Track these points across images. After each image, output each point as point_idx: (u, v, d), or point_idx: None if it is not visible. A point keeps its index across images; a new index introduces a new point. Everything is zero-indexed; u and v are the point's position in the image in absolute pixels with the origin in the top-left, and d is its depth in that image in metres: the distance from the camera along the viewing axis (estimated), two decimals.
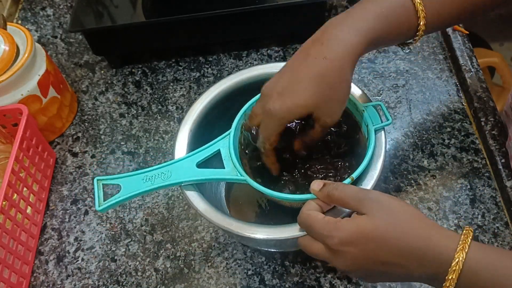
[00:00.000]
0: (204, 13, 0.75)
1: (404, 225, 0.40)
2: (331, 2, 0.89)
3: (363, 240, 0.40)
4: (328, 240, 0.42)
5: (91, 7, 0.79)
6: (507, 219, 0.62)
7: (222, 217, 0.50)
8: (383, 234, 0.40)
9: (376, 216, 0.41)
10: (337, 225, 0.42)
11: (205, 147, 0.53)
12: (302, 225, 0.46)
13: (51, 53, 0.90)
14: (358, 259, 0.41)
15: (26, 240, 0.65)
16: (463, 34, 0.79)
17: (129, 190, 0.51)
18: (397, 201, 0.42)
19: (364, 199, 0.42)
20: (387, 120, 0.52)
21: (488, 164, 0.67)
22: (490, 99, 0.71)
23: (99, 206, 0.50)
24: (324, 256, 0.44)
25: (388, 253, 0.40)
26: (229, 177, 0.51)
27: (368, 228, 0.40)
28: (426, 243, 0.39)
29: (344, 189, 0.44)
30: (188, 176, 0.52)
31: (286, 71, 0.47)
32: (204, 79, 0.82)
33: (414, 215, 0.41)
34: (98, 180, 0.52)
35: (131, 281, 0.63)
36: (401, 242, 0.40)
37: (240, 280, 0.61)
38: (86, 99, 0.83)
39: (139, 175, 0.52)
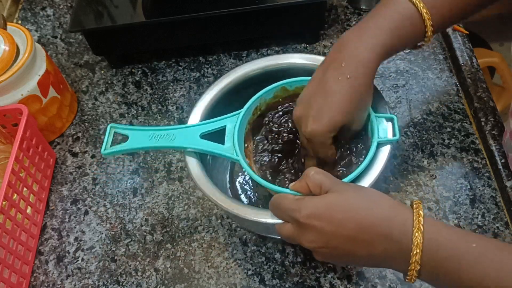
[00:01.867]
0: (204, 13, 0.75)
1: (371, 201, 0.42)
2: (331, 2, 0.90)
3: (330, 212, 0.41)
4: (295, 214, 0.43)
5: (91, 7, 0.79)
6: (507, 219, 0.62)
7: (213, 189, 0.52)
8: (351, 206, 0.41)
9: (345, 192, 0.43)
10: (305, 200, 0.43)
11: (212, 120, 0.56)
12: (272, 207, 0.47)
13: (51, 53, 0.90)
14: (325, 233, 0.42)
15: (26, 240, 0.65)
16: (463, 34, 0.79)
17: (135, 142, 0.55)
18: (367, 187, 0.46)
19: (337, 182, 0.44)
20: (395, 136, 0.51)
21: (488, 164, 0.67)
22: (490, 99, 0.71)
23: (104, 149, 0.54)
24: (293, 235, 0.45)
25: (355, 226, 0.41)
26: (225, 154, 0.53)
27: (337, 200, 0.42)
28: (393, 216, 0.41)
29: (320, 172, 0.45)
30: (189, 143, 0.54)
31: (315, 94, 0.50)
32: (204, 79, 0.82)
33: (381, 194, 0.43)
34: (111, 127, 0.56)
35: (131, 281, 0.63)
36: (368, 215, 0.41)
37: (240, 280, 0.61)
38: (86, 99, 0.83)
39: (147, 131, 0.55)
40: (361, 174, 0.50)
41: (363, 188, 0.45)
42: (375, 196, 0.43)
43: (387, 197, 0.43)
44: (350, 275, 0.60)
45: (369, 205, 0.42)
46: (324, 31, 0.85)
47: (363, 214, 0.41)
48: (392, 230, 0.40)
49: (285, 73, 0.60)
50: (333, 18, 0.88)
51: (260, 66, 0.62)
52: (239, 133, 0.54)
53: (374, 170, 0.50)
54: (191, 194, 0.69)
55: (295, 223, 0.44)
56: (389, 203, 0.42)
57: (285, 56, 0.63)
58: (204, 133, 0.55)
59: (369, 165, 0.50)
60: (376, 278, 0.59)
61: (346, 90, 0.48)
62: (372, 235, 0.40)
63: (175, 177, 0.71)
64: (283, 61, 0.62)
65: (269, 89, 0.58)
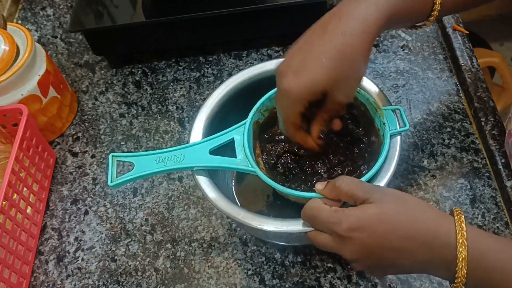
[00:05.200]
0: (204, 13, 0.75)
1: (413, 210, 0.41)
2: (331, 2, 0.89)
3: (373, 225, 0.40)
4: (336, 227, 0.41)
5: (91, 7, 0.79)
6: (507, 219, 0.62)
7: (231, 206, 0.50)
8: (393, 218, 0.40)
9: (384, 202, 0.41)
10: (345, 212, 0.41)
11: (219, 134, 0.54)
12: (306, 218, 0.45)
13: (51, 53, 0.90)
14: (368, 245, 0.40)
15: (26, 240, 0.65)
16: (463, 34, 0.79)
17: (142, 169, 0.52)
18: (403, 193, 0.43)
19: (371, 190, 0.42)
20: (404, 126, 0.51)
21: (488, 164, 0.67)
22: (490, 99, 0.71)
23: (111, 182, 0.52)
24: (332, 246, 0.43)
25: (398, 237, 0.40)
26: (240, 167, 0.52)
27: (377, 212, 0.40)
28: (436, 227, 0.40)
29: (352, 181, 0.44)
30: (200, 161, 0.52)
31: (301, 47, 0.45)
32: (204, 79, 0.82)
33: (421, 203, 0.42)
34: (113, 157, 0.53)
35: (131, 281, 0.63)
36: (411, 225, 0.40)
37: (240, 280, 0.61)
38: (86, 99, 0.83)
39: (153, 155, 0.53)
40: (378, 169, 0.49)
41: (400, 196, 0.42)
42: (414, 205, 0.41)
43: (426, 205, 0.42)
44: (350, 275, 0.60)
45: (411, 216, 0.40)
46: None
47: (405, 226, 0.40)
48: (435, 241, 0.39)
49: None
50: None
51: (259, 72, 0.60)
52: (248, 143, 0.53)
53: (388, 163, 0.50)
54: (191, 194, 0.69)
55: (335, 235, 0.42)
56: (430, 213, 0.41)
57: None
58: (213, 149, 0.53)
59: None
60: (376, 278, 0.59)
61: (337, 47, 0.42)
62: (415, 247, 0.40)
63: (175, 177, 0.71)
64: None
65: (270, 94, 0.56)
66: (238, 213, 0.49)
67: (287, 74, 0.45)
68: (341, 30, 0.43)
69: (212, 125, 0.58)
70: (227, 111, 0.60)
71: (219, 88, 0.60)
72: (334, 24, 0.44)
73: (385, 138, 0.51)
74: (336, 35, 0.43)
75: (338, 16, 0.44)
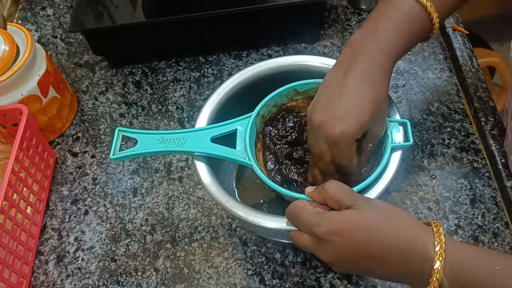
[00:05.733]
0: (204, 13, 0.75)
1: (392, 221, 0.41)
2: (331, 2, 0.90)
3: (351, 231, 0.41)
4: (315, 229, 0.42)
5: (91, 7, 0.79)
6: (507, 219, 0.62)
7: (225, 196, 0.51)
8: (373, 226, 0.41)
9: (366, 211, 0.42)
10: (326, 215, 0.43)
11: (223, 124, 0.55)
12: (289, 216, 0.46)
13: (51, 53, 0.90)
14: (345, 250, 0.41)
15: (26, 240, 0.65)
16: (463, 34, 0.79)
17: (144, 146, 0.53)
18: (388, 204, 0.44)
19: (357, 198, 0.43)
20: (408, 141, 0.51)
21: (488, 164, 0.67)
22: (490, 99, 0.71)
23: (113, 154, 0.53)
24: (310, 247, 0.44)
25: (376, 246, 0.40)
26: (237, 158, 0.52)
27: (358, 219, 0.41)
28: (415, 239, 0.40)
29: (339, 186, 0.45)
30: (200, 147, 0.53)
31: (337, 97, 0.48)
32: (204, 79, 0.82)
33: (403, 214, 0.42)
34: (120, 131, 0.54)
35: (131, 281, 0.63)
36: (389, 235, 0.40)
37: (240, 280, 0.61)
38: (86, 99, 0.83)
39: (156, 135, 0.54)
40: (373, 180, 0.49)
41: (383, 206, 0.43)
42: (396, 216, 0.42)
43: (407, 217, 0.42)
44: (350, 275, 0.60)
45: (390, 226, 0.41)
46: (324, 31, 0.85)
47: (384, 235, 0.40)
48: (414, 254, 0.40)
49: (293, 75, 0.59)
50: (333, 18, 0.88)
51: (270, 67, 0.61)
52: (250, 136, 0.53)
53: (386, 176, 0.50)
54: (191, 194, 0.69)
55: (314, 236, 0.43)
56: (410, 225, 0.41)
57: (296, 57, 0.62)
58: (215, 137, 0.54)
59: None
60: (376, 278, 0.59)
61: (371, 92, 0.47)
62: (393, 257, 0.40)
63: (175, 177, 0.71)
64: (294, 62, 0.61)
65: (280, 91, 0.56)
66: (227, 201, 0.51)
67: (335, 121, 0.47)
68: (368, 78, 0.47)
69: (219, 115, 0.58)
70: (236, 103, 0.60)
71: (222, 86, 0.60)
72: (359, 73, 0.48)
73: (385, 151, 0.50)
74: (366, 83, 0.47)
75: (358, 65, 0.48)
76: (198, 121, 0.57)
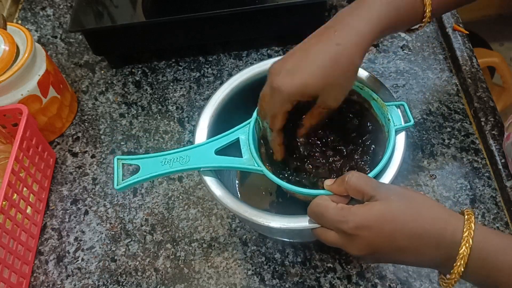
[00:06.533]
0: (204, 13, 0.75)
1: (418, 208, 0.41)
2: (331, 2, 0.89)
3: (379, 224, 0.41)
4: (343, 225, 0.42)
5: (91, 7, 0.79)
6: (507, 219, 0.62)
7: (238, 204, 0.50)
8: (400, 217, 0.40)
9: (391, 201, 0.41)
10: (352, 210, 0.42)
11: (224, 135, 0.54)
12: (313, 214, 0.46)
13: (51, 53, 0.90)
14: (374, 243, 0.41)
15: (26, 240, 0.65)
16: (463, 34, 0.79)
17: (148, 171, 0.52)
18: (411, 190, 0.43)
19: (380, 187, 0.43)
20: (409, 121, 0.51)
21: (488, 164, 0.67)
22: (490, 99, 0.71)
23: (117, 185, 0.51)
24: (339, 243, 0.44)
25: (406, 236, 0.40)
26: (246, 166, 0.52)
27: (384, 211, 0.41)
28: (443, 226, 0.40)
29: (360, 177, 0.44)
30: (206, 162, 0.52)
31: (296, 52, 0.48)
32: (204, 79, 0.82)
33: (428, 200, 0.42)
34: (118, 160, 0.53)
35: (131, 281, 0.63)
36: (417, 224, 0.40)
37: (240, 280, 0.61)
38: (86, 99, 0.83)
39: (158, 157, 0.52)
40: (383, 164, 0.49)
41: (406, 193, 0.43)
42: (421, 203, 0.42)
43: (433, 203, 0.42)
44: (350, 275, 0.60)
45: (417, 214, 0.41)
46: None
47: (411, 224, 0.40)
48: (443, 239, 0.40)
49: None
50: None
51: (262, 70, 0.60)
52: (254, 142, 0.53)
53: (396, 157, 0.50)
54: (191, 194, 0.69)
55: (341, 232, 0.43)
56: (437, 211, 0.41)
57: None
58: (218, 149, 0.53)
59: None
60: (376, 278, 0.59)
61: (330, 55, 0.45)
62: (421, 246, 0.40)
63: (175, 177, 0.71)
64: None
65: None
66: (245, 210, 0.50)
67: (280, 73, 0.47)
68: (336, 41, 0.46)
69: (217, 124, 0.58)
70: (232, 109, 0.60)
71: (222, 87, 0.60)
72: (330, 35, 0.47)
73: (390, 134, 0.51)
74: (330, 45, 0.46)
75: (333, 28, 0.47)
76: (197, 133, 0.56)
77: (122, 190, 0.52)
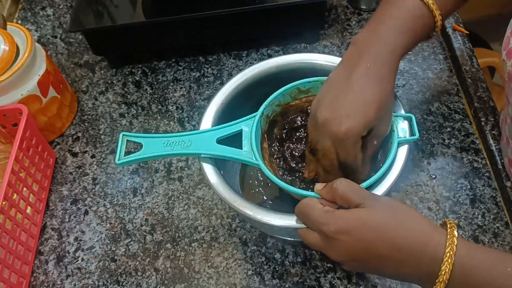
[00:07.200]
0: (204, 13, 0.75)
1: (402, 220, 0.41)
2: (331, 2, 0.90)
3: (360, 230, 0.41)
4: (324, 227, 0.42)
5: (91, 7, 0.79)
6: (507, 219, 0.62)
7: (230, 193, 0.51)
8: (382, 226, 0.41)
9: (375, 210, 0.42)
10: (335, 214, 0.42)
11: (228, 125, 0.54)
12: (299, 214, 0.46)
13: (51, 53, 0.90)
14: (354, 249, 0.41)
15: (26, 240, 0.65)
16: (463, 34, 0.79)
17: (149, 150, 0.53)
18: (398, 202, 0.43)
19: (366, 196, 0.43)
20: (414, 135, 0.51)
21: (488, 164, 0.67)
22: (490, 99, 0.71)
23: (118, 159, 0.52)
24: (319, 246, 0.44)
25: (386, 246, 0.40)
26: (244, 158, 0.52)
27: (366, 218, 0.41)
28: (425, 240, 0.40)
29: (348, 185, 0.44)
30: (206, 149, 0.53)
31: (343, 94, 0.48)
32: (204, 79, 0.82)
33: (413, 213, 0.42)
34: (124, 135, 0.54)
35: (131, 281, 0.63)
36: (399, 235, 0.40)
37: (240, 280, 0.61)
38: (86, 99, 0.83)
39: (161, 138, 0.53)
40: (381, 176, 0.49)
41: (393, 204, 0.43)
42: (406, 215, 0.42)
43: (418, 216, 0.42)
44: (350, 275, 0.60)
45: (401, 225, 0.41)
46: (324, 31, 0.85)
47: (394, 235, 0.40)
48: (424, 254, 0.39)
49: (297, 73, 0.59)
50: (333, 18, 0.88)
51: (274, 65, 0.61)
52: (256, 136, 0.53)
53: (394, 170, 0.50)
54: (191, 194, 0.69)
55: (323, 235, 0.43)
56: (421, 224, 0.41)
57: (301, 55, 0.62)
58: (220, 138, 0.54)
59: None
60: (376, 278, 0.59)
61: (376, 90, 0.47)
62: (403, 257, 0.40)
63: (175, 177, 0.71)
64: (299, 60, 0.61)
65: (283, 90, 0.56)
66: (235, 200, 0.50)
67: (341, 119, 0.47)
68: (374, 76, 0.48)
69: (223, 115, 0.58)
70: (239, 103, 0.60)
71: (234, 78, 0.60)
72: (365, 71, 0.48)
73: (392, 146, 0.51)
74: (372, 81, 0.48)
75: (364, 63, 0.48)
76: (203, 121, 0.57)
77: (123, 165, 0.53)
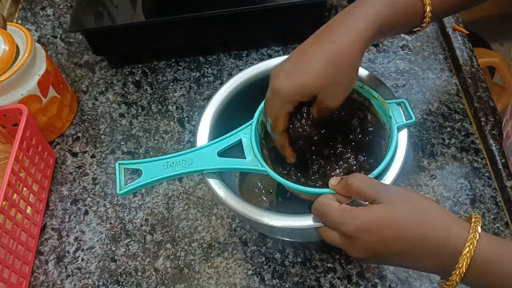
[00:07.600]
0: (204, 13, 0.75)
1: (421, 214, 0.40)
2: (331, 2, 0.89)
3: (379, 228, 0.40)
4: (343, 227, 0.42)
5: (91, 7, 0.79)
6: (507, 219, 0.62)
7: (242, 204, 0.50)
8: (401, 223, 0.40)
9: (393, 205, 0.41)
10: (353, 213, 0.42)
11: (226, 136, 0.54)
12: (316, 213, 0.46)
13: (51, 53, 0.90)
14: (374, 247, 0.41)
15: (26, 240, 0.65)
16: (463, 34, 0.79)
17: (150, 175, 0.51)
18: (415, 193, 0.43)
19: (383, 190, 0.42)
20: (411, 118, 0.51)
21: (488, 164, 0.67)
22: (490, 99, 0.71)
23: (120, 190, 0.51)
24: (340, 244, 0.44)
25: (406, 242, 0.40)
26: (250, 167, 0.52)
27: (385, 215, 0.40)
28: (446, 235, 0.39)
29: (363, 179, 0.44)
30: (209, 164, 0.52)
31: (295, 53, 0.48)
32: (204, 79, 0.82)
33: (432, 206, 0.41)
34: (120, 164, 0.52)
35: (131, 281, 0.63)
36: (419, 230, 0.40)
37: (240, 280, 0.61)
38: (86, 99, 0.83)
39: (160, 161, 0.52)
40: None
41: (410, 196, 0.42)
42: (424, 209, 0.41)
43: (437, 208, 0.41)
44: (350, 275, 0.60)
45: (419, 220, 0.40)
46: None
47: (413, 231, 0.40)
48: (444, 249, 0.39)
49: None
50: None
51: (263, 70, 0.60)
52: (257, 143, 0.53)
53: (399, 155, 0.50)
54: (191, 194, 0.69)
55: (342, 234, 0.43)
56: (441, 217, 0.40)
57: None
58: (221, 151, 0.53)
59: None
60: (376, 278, 0.59)
61: (327, 55, 0.45)
62: (423, 253, 0.40)
63: None
64: None
65: None
66: (249, 210, 0.50)
67: (280, 75, 0.47)
68: (332, 40, 0.46)
69: (218, 125, 0.58)
70: (233, 109, 0.60)
71: (223, 87, 0.59)
72: (327, 34, 0.47)
73: (392, 132, 0.51)
74: (327, 44, 0.46)
75: (331, 28, 0.47)
76: (199, 134, 0.56)
77: (125, 195, 0.51)
